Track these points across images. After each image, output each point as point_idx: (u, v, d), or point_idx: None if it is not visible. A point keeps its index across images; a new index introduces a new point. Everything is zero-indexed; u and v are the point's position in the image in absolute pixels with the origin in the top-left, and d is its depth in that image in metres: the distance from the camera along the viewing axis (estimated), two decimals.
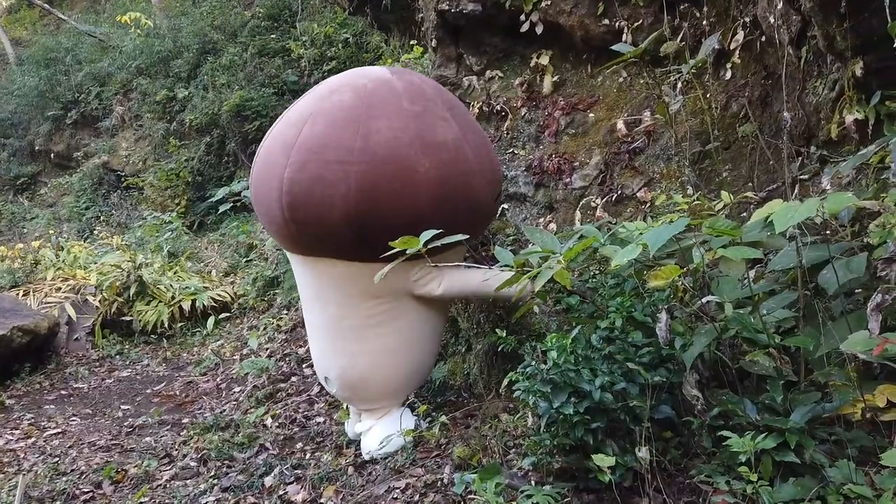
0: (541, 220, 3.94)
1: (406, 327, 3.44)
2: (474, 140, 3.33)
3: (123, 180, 11.96)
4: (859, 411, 2.07)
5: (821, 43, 2.67)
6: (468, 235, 3.37)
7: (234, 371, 5.62)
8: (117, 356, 6.69)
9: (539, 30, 4.06)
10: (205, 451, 3.91)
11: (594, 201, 3.76)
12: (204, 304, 7.25)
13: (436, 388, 4.13)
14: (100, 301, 7.18)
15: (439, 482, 2.94)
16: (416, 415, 3.64)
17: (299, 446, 3.88)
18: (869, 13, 2.41)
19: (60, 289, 7.33)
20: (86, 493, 3.66)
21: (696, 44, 3.44)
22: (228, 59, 10.61)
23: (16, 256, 8.14)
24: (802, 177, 2.97)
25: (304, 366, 5.29)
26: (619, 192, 3.68)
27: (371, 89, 3.18)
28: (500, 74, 4.38)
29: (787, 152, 2.85)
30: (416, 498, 2.89)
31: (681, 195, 3.07)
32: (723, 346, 2.40)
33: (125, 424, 4.80)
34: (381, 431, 3.49)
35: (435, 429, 3.43)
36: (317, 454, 3.70)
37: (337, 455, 3.61)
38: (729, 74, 3.42)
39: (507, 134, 4.22)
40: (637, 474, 2.30)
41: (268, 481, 3.43)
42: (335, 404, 4.42)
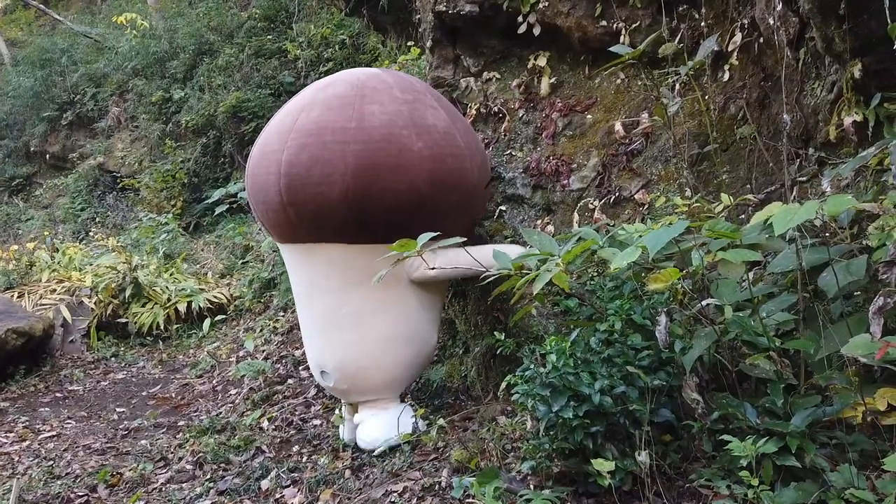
0: (538, 221, 3.92)
1: (404, 313, 3.47)
2: (463, 128, 3.55)
3: (119, 181, 11.92)
4: (860, 415, 2.06)
5: (819, 45, 2.66)
6: (463, 218, 3.52)
7: (230, 373, 5.60)
8: (113, 358, 6.67)
9: (536, 31, 4.04)
10: (201, 455, 3.89)
11: (592, 203, 3.74)
12: (200, 306, 7.23)
13: (433, 391, 4.12)
14: (95, 303, 7.15)
15: (437, 485, 2.92)
16: (413, 417, 3.62)
17: (296, 449, 3.86)
18: (868, 15, 2.40)
19: (55, 290, 7.29)
20: (81, 496, 3.63)
21: (694, 45, 3.43)
22: (225, 60, 10.58)
23: (10, 258, 8.11)
24: (801, 179, 2.96)
25: (300, 368, 5.27)
26: (616, 193, 3.67)
27: (364, 80, 3.41)
28: (498, 76, 4.37)
29: (786, 154, 2.84)
30: (414, 501, 2.87)
31: (679, 197, 3.06)
32: (722, 349, 2.39)
33: (120, 427, 4.78)
34: (379, 424, 3.49)
35: (432, 432, 3.42)
36: (313, 457, 3.68)
37: (334, 458, 3.59)
38: (727, 76, 3.41)
39: (505, 136, 4.20)
40: (637, 478, 2.29)
41: (264, 484, 3.42)
42: (332, 406, 4.41)
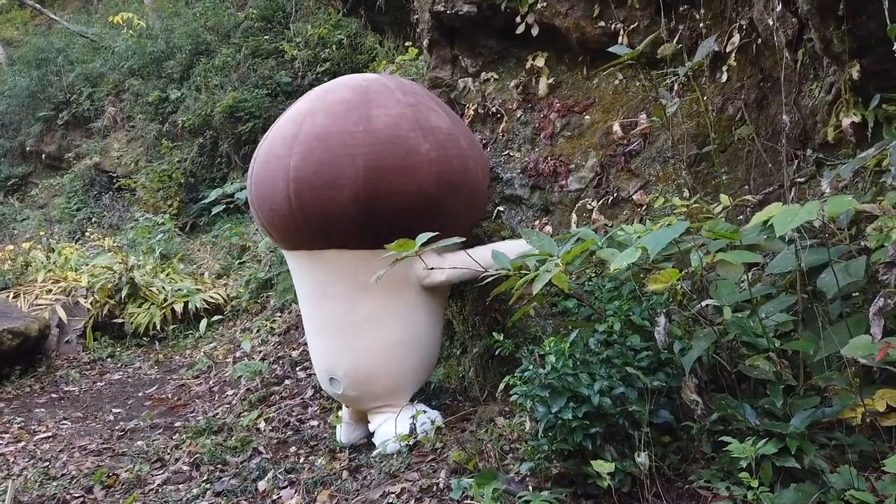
0: (536, 222, 3.92)
1: (412, 318, 3.48)
2: (463, 130, 3.60)
3: (115, 181, 11.88)
4: (859, 416, 2.06)
5: (818, 46, 2.66)
6: (467, 219, 3.57)
7: (226, 374, 5.59)
8: (109, 359, 6.64)
9: (535, 32, 4.04)
10: (197, 455, 3.88)
11: (590, 204, 3.74)
12: (196, 307, 7.21)
13: (431, 392, 4.11)
14: (91, 303, 7.13)
15: (435, 487, 2.91)
16: (426, 414, 3.61)
17: (293, 450, 3.85)
18: (867, 16, 2.40)
19: (51, 291, 7.27)
20: (76, 497, 3.61)
21: (692, 46, 3.43)
22: (221, 60, 10.56)
23: (6, 258, 8.08)
24: (799, 180, 2.96)
25: (297, 369, 5.26)
26: (615, 194, 3.67)
27: (365, 85, 3.42)
28: (496, 76, 4.36)
29: (785, 155, 2.84)
30: (412, 503, 2.86)
31: (677, 198, 3.06)
32: (721, 350, 2.38)
33: (116, 428, 4.76)
34: (394, 425, 3.48)
35: (430, 432, 3.41)
36: (311, 458, 3.67)
37: (331, 459, 3.58)
38: (725, 77, 3.41)
39: (503, 136, 4.20)
40: (636, 479, 2.28)
41: (261, 486, 3.40)
42: (329, 408, 4.39)
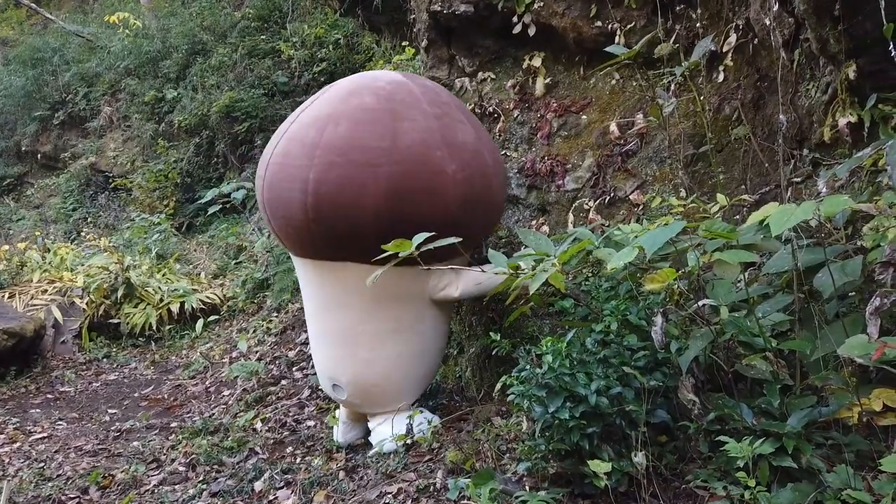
0: (533, 222, 3.92)
1: (420, 331, 3.46)
2: (488, 143, 3.47)
3: (111, 181, 11.85)
4: (856, 415, 2.06)
5: (814, 46, 2.67)
6: (483, 233, 3.54)
7: (223, 374, 5.57)
8: (104, 359, 6.62)
9: (531, 31, 4.04)
10: (193, 456, 3.86)
11: (587, 204, 3.74)
12: (193, 307, 7.19)
13: (427, 392, 4.10)
14: (87, 303, 7.10)
15: (432, 487, 2.91)
16: (423, 414, 3.61)
17: (289, 450, 3.84)
18: (863, 16, 2.41)
19: (47, 291, 7.24)
20: (72, 498, 3.60)
21: (689, 46, 3.43)
22: (218, 59, 10.54)
23: (1, 258, 8.04)
24: (795, 179, 2.97)
25: (294, 369, 5.25)
26: (611, 194, 3.67)
27: (390, 90, 3.24)
28: (493, 76, 4.36)
29: (782, 155, 2.84)
30: (409, 503, 2.85)
31: (674, 198, 3.06)
32: (718, 350, 2.39)
33: (112, 429, 4.74)
34: (391, 426, 3.48)
35: (427, 433, 3.40)
36: (307, 458, 3.66)
37: (328, 459, 3.57)
38: (722, 77, 3.41)
39: (500, 136, 4.20)
40: (633, 479, 2.28)
41: (257, 486, 3.39)
42: (325, 408, 4.39)
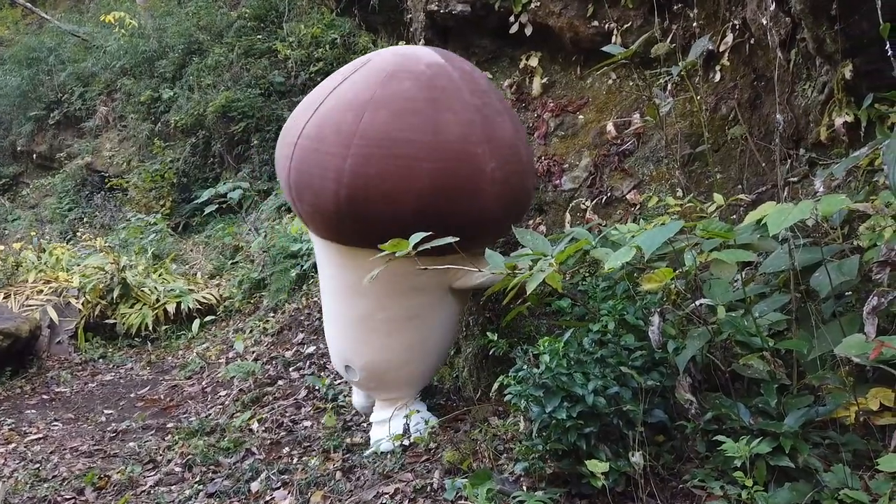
0: (530, 221, 3.92)
1: (438, 320, 3.46)
2: (522, 135, 3.42)
3: (107, 181, 11.82)
4: (853, 415, 2.06)
5: (810, 45, 2.67)
6: (507, 232, 3.40)
7: (219, 374, 5.56)
8: (100, 360, 6.60)
9: (528, 31, 4.04)
10: (190, 457, 3.85)
11: (584, 203, 3.74)
12: (189, 307, 7.17)
13: (424, 392, 4.10)
14: (83, 304, 7.08)
15: (429, 487, 2.90)
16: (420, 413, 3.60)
17: (286, 451, 3.83)
18: (859, 16, 2.41)
19: (42, 291, 7.21)
20: (68, 499, 3.59)
21: (685, 46, 3.44)
22: (214, 59, 10.52)
23: None
24: (792, 179, 2.97)
25: (290, 369, 5.24)
26: (608, 194, 3.67)
27: (430, 76, 3.12)
28: (490, 76, 4.36)
29: (778, 154, 2.84)
30: (406, 503, 2.85)
31: (671, 197, 3.06)
32: (715, 350, 2.39)
33: (108, 429, 4.73)
34: (395, 424, 3.48)
35: (424, 433, 3.40)
36: (304, 459, 3.65)
37: (325, 460, 3.56)
38: (718, 77, 3.41)
39: None
40: (630, 479, 2.28)
41: (254, 487, 3.38)
42: (322, 408, 4.38)
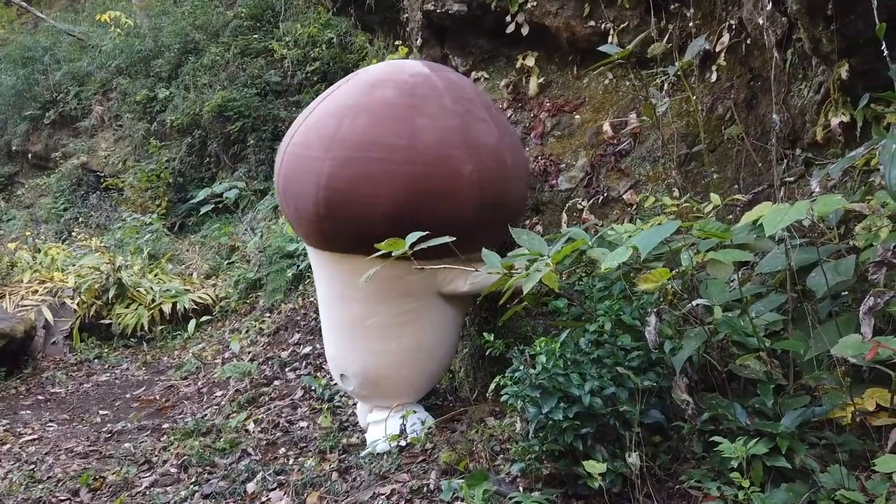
0: (527, 222, 3.91)
1: (431, 326, 3.44)
2: (511, 142, 3.41)
3: (102, 181, 11.79)
4: (849, 415, 2.07)
5: (806, 45, 2.67)
6: (500, 235, 3.36)
7: (215, 375, 5.54)
8: (96, 360, 6.58)
9: (525, 31, 4.04)
10: (185, 457, 3.84)
11: (580, 203, 3.74)
12: (185, 307, 7.15)
13: None
14: (78, 304, 7.05)
15: (425, 488, 2.90)
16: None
17: (282, 451, 3.82)
18: (855, 16, 2.41)
19: (37, 291, 7.18)
20: (63, 500, 3.57)
21: (682, 46, 3.44)
22: (210, 59, 10.49)
23: None
24: (788, 179, 2.97)
25: (286, 370, 5.23)
26: (605, 194, 3.67)
27: (413, 84, 3.18)
28: (486, 75, 4.36)
29: (775, 155, 2.84)
30: None
31: (667, 197, 3.06)
32: (712, 350, 2.38)
33: (103, 430, 4.71)
34: (392, 425, 3.48)
35: (421, 433, 3.39)
36: (300, 459, 3.64)
37: (321, 460, 3.56)
38: (714, 76, 3.42)
39: None
40: (627, 480, 2.28)
41: (250, 487, 3.37)
42: (318, 409, 4.37)
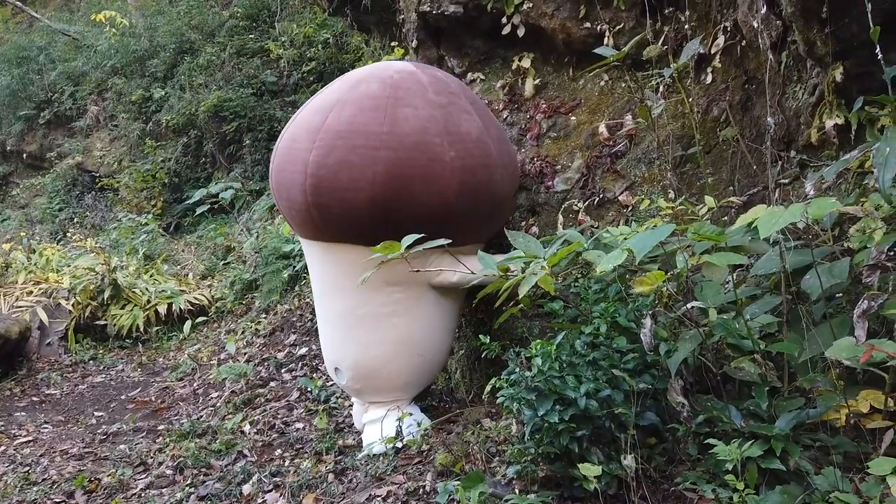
0: (523, 223, 3.92)
1: (421, 318, 3.45)
2: (496, 135, 3.46)
3: (98, 181, 11.76)
4: (843, 417, 2.07)
5: (801, 48, 2.68)
6: (489, 227, 3.48)
7: (211, 376, 5.53)
8: (91, 361, 6.56)
9: (521, 32, 4.04)
10: (181, 459, 3.84)
11: (576, 205, 3.74)
12: (180, 308, 7.14)
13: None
14: (73, 305, 7.03)
15: (421, 490, 2.90)
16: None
17: (278, 453, 3.82)
18: (849, 19, 2.42)
19: (32, 292, 7.16)
20: (57, 503, 3.57)
21: (677, 48, 3.44)
22: (206, 59, 10.47)
23: None
24: (783, 181, 2.98)
25: (283, 370, 5.22)
26: (601, 195, 3.67)
27: (397, 79, 3.28)
28: (482, 77, 4.36)
29: (769, 157, 2.85)
30: None
31: (663, 199, 3.07)
32: (707, 352, 2.39)
33: (99, 432, 4.70)
34: (388, 426, 3.48)
35: (417, 434, 3.39)
36: (296, 461, 3.64)
37: (317, 462, 3.55)
38: (710, 78, 3.42)
39: None
40: (622, 482, 2.28)
41: (246, 489, 3.37)
42: (314, 410, 4.37)
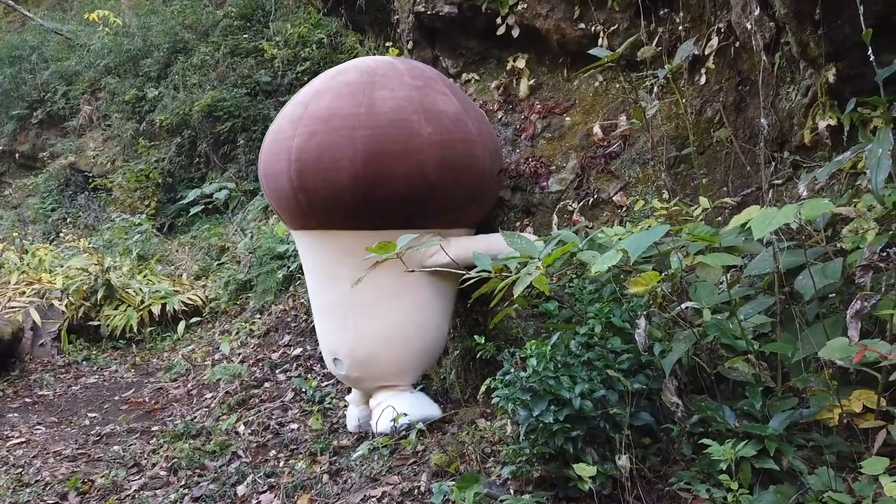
0: (517, 223, 3.92)
1: (416, 302, 3.48)
2: (475, 115, 3.55)
3: (91, 181, 11.71)
4: (836, 417, 2.08)
5: (794, 49, 2.69)
6: (474, 206, 3.50)
7: (205, 377, 5.52)
8: (84, 362, 6.53)
9: (515, 33, 4.05)
10: (175, 460, 3.83)
11: (571, 205, 3.75)
12: (174, 308, 7.12)
13: None
14: (66, 305, 7.00)
15: (416, 490, 2.90)
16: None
17: (273, 454, 3.81)
18: (842, 20, 2.43)
19: (25, 293, 7.13)
20: None
21: (671, 49, 3.46)
22: (200, 58, 10.44)
23: None
24: (776, 182, 2.99)
25: (277, 371, 5.22)
26: (595, 196, 3.68)
27: (374, 67, 3.46)
28: (477, 77, 4.37)
29: (763, 158, 2.86)
30: None
31: (657, 199, 3.07)
32: (701, 352, 2.40)
33: (92, 433, 4.69)
34: (398, 405, 3.49)
35: (411, 435, 3.39)
36: (291, 462, 3.64)
37: (311, 462, 3.55)
38: (703, 80, 3.43)
39: None
40: (617, 482, 2.29)
41: (240, 490, 3.37)
42: (309, 410, 4.36)
